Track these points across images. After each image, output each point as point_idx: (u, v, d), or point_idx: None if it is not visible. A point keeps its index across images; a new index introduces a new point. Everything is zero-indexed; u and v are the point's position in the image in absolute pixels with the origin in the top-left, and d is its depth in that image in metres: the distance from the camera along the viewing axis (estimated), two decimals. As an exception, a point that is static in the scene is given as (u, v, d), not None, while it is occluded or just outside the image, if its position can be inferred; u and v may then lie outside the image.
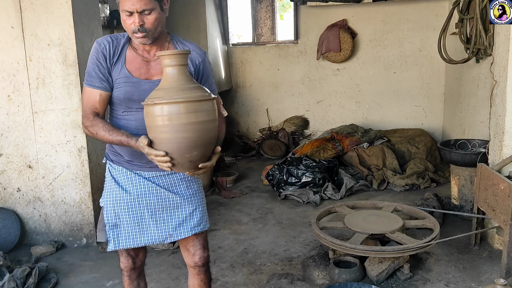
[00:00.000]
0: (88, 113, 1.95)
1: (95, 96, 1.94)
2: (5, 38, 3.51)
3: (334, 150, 5.42)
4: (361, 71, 6.56)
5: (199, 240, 2.18)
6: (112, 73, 1.95)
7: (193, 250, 2.18)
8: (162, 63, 1.81)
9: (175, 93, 1.75)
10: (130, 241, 2.09)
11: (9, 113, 3.61)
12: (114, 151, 2.10)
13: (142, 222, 2.08)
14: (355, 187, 4.92)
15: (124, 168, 2.08)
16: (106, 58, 1.93)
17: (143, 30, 1.86)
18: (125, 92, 1.94)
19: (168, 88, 1.78)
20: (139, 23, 1.84)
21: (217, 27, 6.63)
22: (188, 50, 1.86)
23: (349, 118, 6.62)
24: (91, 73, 1.94)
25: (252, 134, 7.18)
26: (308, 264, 3.34)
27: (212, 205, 4.73)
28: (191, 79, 1.85)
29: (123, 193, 2.07)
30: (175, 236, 2.12)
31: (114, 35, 2.00)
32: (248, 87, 7.13)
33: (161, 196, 2.08)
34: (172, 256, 3.56)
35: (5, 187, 3.73)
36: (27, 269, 3.03)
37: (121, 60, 1.95)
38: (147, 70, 1.98)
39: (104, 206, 2.09)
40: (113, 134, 1.89)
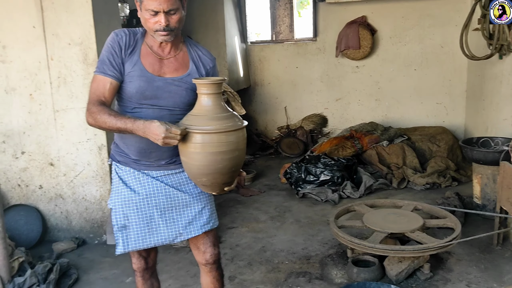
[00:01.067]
0: (95, 100, 1.90)
1: (105, 84, 1.91)
2: (27, 38, 3.57)
3: (353, 148, 5.37)
4: (380, 68, 6.48)
5: (209, 238, 2.19)
6: (125, 65, 1.93)
7: (204, 248, 2.19)
8: (198, 90, 1.86)
9: (209, 122, 1.81)
10: (139, 243, 2.08)
11: (31, 111, 3.67)
12: (121, 152, 2.10)
13: (151, 222, 2.08)
14: (374, 186, 4.87)
15: (132, 169, 2.07)
16: (121, 49, 1.93)
17: (168, 29, 1.87)
18: (138, 86, 1.93)
19: (202, 116, 1.84)
20: (165, 23, 1.85)
21: (235, 25, 6.64)
22: (224, 78, 1.90)
23: (369, 116, 6.55)
24: (104, 61, 1.92)
25: (270, 132, 7.17)
26: (326, 263, 3.32)
27: (230, 203, 4.75)
28: (225, 107, 1.89)
29: (131, 194, 2.06)
30: (185, 235, 2.12)
31: (131, 29, 2.00)
32: (266, 85, 7.12)
33: (169, 195, 2.08)
34: (190, 253, 3.57)
35: (27, 184, 3.80)
36: (48, 265, 3.08)
37: (136, 54, 1.95)
38: (160, 68, 1.98)
39: (113, 207, 2.08)
40: (119, 118, 1.82)
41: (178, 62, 2.01)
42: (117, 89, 1.95)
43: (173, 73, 2.00)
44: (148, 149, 2.02)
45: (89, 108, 1.89)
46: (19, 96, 3.66)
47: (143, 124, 1.77)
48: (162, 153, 2.04)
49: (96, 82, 1.93)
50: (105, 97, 1.91)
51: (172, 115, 1.97)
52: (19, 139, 3.72)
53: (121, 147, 2.09)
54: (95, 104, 1.88)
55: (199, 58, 2.06)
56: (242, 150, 1.90)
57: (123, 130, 1.82)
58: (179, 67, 2.01)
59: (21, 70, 3.62)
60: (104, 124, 1.84)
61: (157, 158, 2.05)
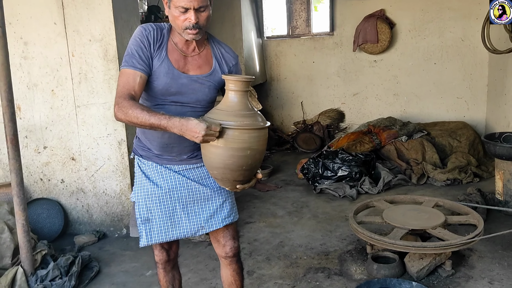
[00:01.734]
0: (125, 94, 1.84)
1: (135, 77, 1.86)
2: (49, 34, 3.62)
3: (371, 143, 5.33)
4: (399, 62, 6.41)
5: (229, 231, 2.20)
6: (154, 60, 1.92)
7: (224, 241, 2.20)
8: (226, 86, 1.87)
9: (233, 118, 1.81)
10: (162, 235, 2.11)
11: (53, 107, 3.72)
12: (143, 146, 2.11)
13: (174, 216, 2.10)
14: (393, 182, 4.83)
15: (154, 163, 2.09)
16: (150, 43, 1.92)
17: (197, 27, 1.86)
18: (164, 83, 1.93)
19: (227, 111, 1.84)
20: (195, 20, 1.84)
21: (251, 20, 6.62)
22: (252, 77, 1.90)
23: (387, 110, 6.49)
24: (133, 55, 1.88)
25: (287, 128, 7.15)
26: (345, 259, 3.30)
27: (247, 198, 4.76)
28: (250, 105, 1.89)
29: (154, 188, 2.08)
30: (207, 228, 2.13)
31: (157, 24, 2.00)
32: (282, 80, 7.10)
33: (191, 189, 2.09)
34: (208, 247, 3.60)
35: (49, 179, 3.86)
36: (70, 258, 3.13)
37: (163, 49, 1.94)
38: (185, 64, 1.98)
39: (136, 201, 2.10)
40: (152, 114, 1.75)
41: (201, 60, 2.01)
42: (145, 83, 1.91)
43: (197, 70, 2.00)
44: (170, 144, 2.03)
45: (119, 102, 1.82)
46: (41, 92, 3.71)
47: (179, 121, 1.72)
48: (183, 147, 2.05)
49: (125, 76, 1.88)
50: (135, 91, 1.86)
51: (193, 111, 1.98)
52: (41, 134, 3.78)
53: (144, 141, 2.10)
54: (126, 98, 1.82)
55: (222, 56, 2.06)
56: (256, 150, 1.85)
57: (156, 126, 1.76)
58: (203, 65, 2.01)
59: (43, 66, 3.67)
60: (135, 119, 1.78)
61: (179, 152, 2.07)
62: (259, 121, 1.87)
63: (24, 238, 2.92)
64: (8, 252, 3.09)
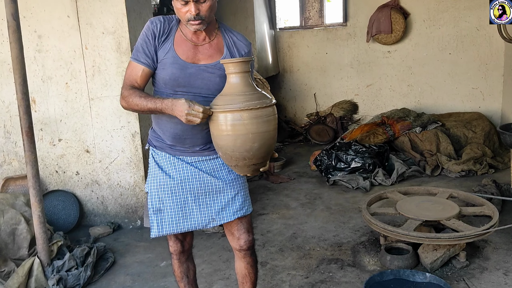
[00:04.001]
0: (127, 84, 1.98)
1: (138, 70, 1.97)
2: (62, 27, 3.64)
3: (385, 135, 5.29)
4: (413, 53, 6.33)
5: (243, 224, 2.20)
6: (158, 52, 1.97)
7: (238, 234, 2.20)
8: (226, 71, 1.86)
9: (238, 101, 1.80)
10: (173, 227, 2.12)
11: (67, 100, 3.76)
12: (157, 137, 2.14)
13: (185, 207, 2.11)
14: (406, 173, 4.79)
15: (167, 154, 2.11)
16: (155, 37, 1.96)
17: (199, 18, 1.88)
18: (171, 73, 1.96)
19: (231, 95, 1.83)
20: (195, 12, 1.85)
21: (264, 11, 6.59)
22: (251, 57, 1.90)
23: (401, 102, 6.43)
24: (138, 48, 1.98)
25: (300, 119, 7.13)
26: (359, 250, 3.30)
27: (260, 190, 4.76)
28: (253, 85, 1.88)
29: (166, 178, 2.10)
30: (218, 221, 2.14)
31: (167, 16, 2.02)
32: (295, 72, 7.06)
33: (203, 181, 2.10)
34: (222, 239, 3.62)
35: (64, 171, 3.91)
36: (86, 249, 3.17)
37: (169, 41, 1.98)
38: (195, 54, 1.99)
39: (149, 191, 2.13)
40: (149, 99, 1.88)
41: (212, 49, 2.02)
42: (149, 76, 2.00)
43: (207, 59, 2.00)
44: (182, 135, 2.04)
45: (122, 92, 1.97)
46: (56, 84, 3.75)
47: (171, 102, 1.82)
48: (196, 139, 2.06)
49: (130, 68, 2.00)
50: (137, 83, 1.97)
51: (206, 101, 1.97)
52: (56, 127, 3.82)
53: (158, 132, 2.12)
54: (127, 88, 1.96)
55: (233, 43, 2.06)
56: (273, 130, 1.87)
57: (153, 110, 1.87)
58: (214, 54, 2.01)
59: (57, 59, 3.71)
60: (136, 106, 1.91)
61: (191, 144, 2.08)
62: (265, 100, 1.84)
63: (41, 229, 2.97)
64: (25, 243, 3.14)
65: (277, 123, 1.90)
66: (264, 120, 1.82)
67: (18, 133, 3.85)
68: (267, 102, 1.84)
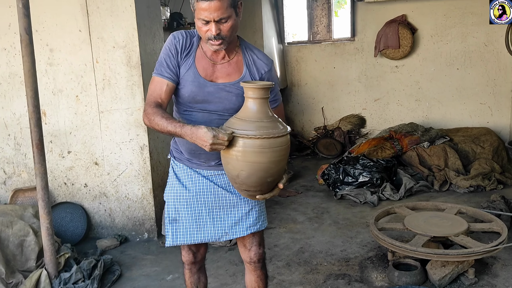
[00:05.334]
0: (151, 101, 1.94)
1: (162, 85, 1.95)
2: (73, 41, 3.70)
3: (393, 149, 5.28)
4: (421, 68, 6.34)
5: (256, 238, 2.21)
6: (181, 67, 1.97)
7: (249, 246, 2.22)
8: (245, 93, 1.82)
9: (253, 127, 1.77)
10: (187, 237, 2.14)
11: (77, 112, 3.80)
12: (177, 148, 2.16)
13: (200, 219, 2.13)
14: (414, 188, 4.77)
15: (185, 166, 2.14)
16: (178, 52, 1.96)
17: (220, 38, 1.85)
18: (190, 91, 1.96)
19: (247, 120, 1.79)
20: (216, 31, 1.83)
21: (272, 26, 6.65)
22: (271, 83, 1.83)
23: (408, 116, 6.42)
24: (162, 63, 1.96)
25: (307, 133, 7.14)
26: (366, 266, 3.27)
27: (267, 203, 4.70)
28: (270, 112, 1.84)
29: (183, 190, 2.12)
30: (231, 235, 2.15)
31: (189, 31, 2.02)
32: (303, 86, 7.09)
33: (218, 194, 2.12)
34: (229, 253, 3.61)
35: (73, 183, 3.94)
36: (93, 261, 3.18)
37: (191, 57, 1.97)
38: (213, 72, 1.98)
39: (166, 200, 2.17)
40: (170, 121, 1.84)
41: (231, 67, 2.00)
42: (173, 90, 1.98)
43: (226, 78, 1.98)
44: (197, 150, 2.05)
45: (145, 109, 1.93)
46: (66, 97, 3.80)
47: (191, 129, 1.77)
48: (211, 154, 2.06)
49: (154, 84, 1.97)
50: (161, 99, 1.94)
51: (221, 119, 1.97)
52: (66, 139, 3.86)
53: (178, 144, 2.15)
54: (151, 105, 1.92)
55: (253, 62, 2.03)
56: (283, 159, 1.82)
57: (173, 133, 1.84)
58: (232, 72, 2.00)
59: (68, 73, 3.76)
60: (157, 126, 1.88)
61: (206, 159, 2.09)
62: (280, 129, 1.81)
63: (49, 241, 2.98)
64: (33, 255, 3.15)
65: (288, 154, 1.85)
66: (275, 151, 1.78)
67: (28, 145, 3.89)
68: (281, 131, 1.80)
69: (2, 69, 3.86)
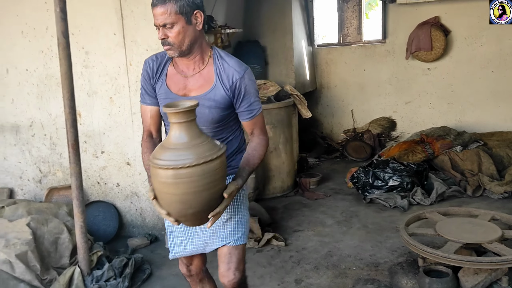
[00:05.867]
0: (144, 130, 2.09)
1: (147, 112, 2.07)
2: (108, 44, 3.79)
3: (424, 153, 5.18)
4: (454, 71, 6.20)
5: (232, 258, 2.03)
6: (156, 89, 2.02)
7: (223, 269, 2.05)
8: (169, 119, 1.71)
9: (179, 155, 1.67)
10: (180, 249, 2.12)
11: (111, 113, 3.90)
12: None
13: (188, 230, 2.09)
14: (446, 193, 4.67)
15: None
16: (150, 76, 2.01)
17: (167, 43, 1.86)
18: (158, 110, 2.04)
19: (172, 148, 1.69)
20: (161, 36, 1.86)
21: (302, 28, 6.64)
22: (195, 104, 1.70)
23: (441, 120, 6.29)
24: (141, 90, 2.06)
25: (336, 136, 7.09)
26: (396, 271, 3.23)
27: (295, 206, 4.75)
28: (198, 135, 1.73)
29: None
30: (210, 245, 2.07)
31: (160, 53, 2.05)
32: (332, 88, 7.05)
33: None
34: (257, 254, 3.63)
35: (106, 182, 4.03)
36: (124, 260, 3.25)
37: (162, 77, 2.00)
38: (185, 86, 1.96)
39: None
40: (145, 160, 1.98)
41: (203, 78, 1.95)
42: (158, 112, 2.07)
43: (198, 90, 1.94)
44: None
45: (142, 136, 2.13)
46: (100, 99, 3.90)
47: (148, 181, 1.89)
48: None
49: (141, 111, 2.12)
50: (151, 125, 2.09)
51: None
52: (99, 139, 3.96)
53: None
54: (144, 137, 2.10)
55: (223, 70, 1.92)
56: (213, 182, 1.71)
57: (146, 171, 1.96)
58: (204, 83, 1.94)
59: (102, 75, 3.85)
60: (143, 160, 2.07)
61: None
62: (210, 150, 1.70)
63: (82, 239, 3.06)
64: (67, 252, 3.24)
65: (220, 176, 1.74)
66: (202, 177, 1.68)
67: (63, 145, 4.01)
68: (207, 155, 1.68)
69: (39, 71, 3.99)
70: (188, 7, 1.82)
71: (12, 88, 4.08)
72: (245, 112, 1.96)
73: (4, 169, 4.24)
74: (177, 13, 1.81)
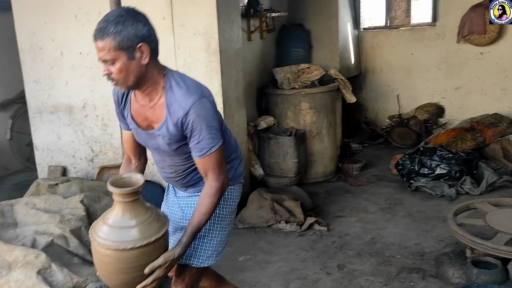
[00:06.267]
0: (125, 152, 2.08)
1: (125, 136, 2.04)
2: (158, 29, 3.75)
3: (474, 141, 5.02)
4: (509, 55, 5.92)
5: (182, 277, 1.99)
6: (124, 116, 1.96)
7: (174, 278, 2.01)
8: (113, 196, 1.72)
9: (107, 233, 1.70)
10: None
11: (158, 96, 3.98)
12: None
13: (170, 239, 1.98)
14: (497, 183, 4.51)
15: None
16: (118, 102, 1.95)
17: (111, 79, 1.75)
18: (133, 135, 1.99)
19: (110, 226, 1.72)
20: (103, 73, 1.74)
21: (348, 11, 6.50)
22: (136, 188, 1.68)
23: (493, 106, 6.04)
24: (117, 115, 2.01)
25: (381, 121, 6.96)
26: (442, 261, 3.17)
27: (338, 191, 4.74)
28: (138, 214, 1.71)
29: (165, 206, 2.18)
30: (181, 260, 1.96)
31: None
32: (378, 72, 6.90)
33: (174, 213, 2.07)
34: (299, 238, 3.66)
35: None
36: (171, 238, 3.35)
37: (127, 106, 1.93)
38: (145, 118, 1.86)
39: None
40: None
41: (158, 111, 1.82)
42: (133, 137, 2.00)
43: (153, 124, 1.85)
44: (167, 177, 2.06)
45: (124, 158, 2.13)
46: (149, 82, 3.98)
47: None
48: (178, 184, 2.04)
49: (122, 135, 2.09)
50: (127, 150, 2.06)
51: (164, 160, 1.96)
52: (148, 122, 4.07)
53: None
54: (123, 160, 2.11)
55: (171, 103, 1.77)
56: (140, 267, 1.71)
57: None
58: (158, 118, 1.82)
59: (151, 59, 3.93)
60: None
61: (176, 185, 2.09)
62: (149, 231, 1.70)
63: (132, 217, 3.18)
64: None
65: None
66: (132, 260, 1.70)
67: (114, 126, 4.14)
68: (141, 238, 1.68)
69: (92, 54, 4.12)
70: (129, 41, 1.66)
71: (66, 71, 4.24)
72: (194, 149, 1.80)
73: (58, 148, 4.43)
74: (116, 49, 1.66)
